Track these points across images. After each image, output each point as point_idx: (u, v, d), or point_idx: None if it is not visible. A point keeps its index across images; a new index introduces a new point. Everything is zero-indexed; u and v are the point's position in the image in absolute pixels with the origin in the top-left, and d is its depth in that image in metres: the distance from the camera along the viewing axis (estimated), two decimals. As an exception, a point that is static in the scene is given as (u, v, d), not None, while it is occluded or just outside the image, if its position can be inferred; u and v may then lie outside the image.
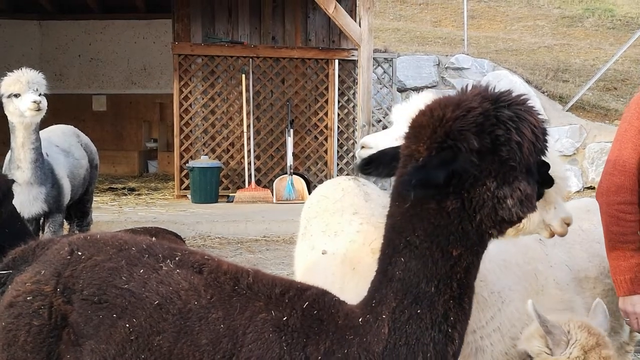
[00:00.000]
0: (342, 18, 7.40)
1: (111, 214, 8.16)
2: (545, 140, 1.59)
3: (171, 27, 10.24)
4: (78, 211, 5.87)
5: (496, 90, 1.60)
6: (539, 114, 1.60)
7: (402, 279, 1.59)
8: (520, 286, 2.39)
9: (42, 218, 5.08)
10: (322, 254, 2.79)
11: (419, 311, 1.58)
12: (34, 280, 1.84)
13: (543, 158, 1.64)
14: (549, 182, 1.68)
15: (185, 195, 9.66)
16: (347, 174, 10.04)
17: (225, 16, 10.00)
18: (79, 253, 1.86)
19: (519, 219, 1.58)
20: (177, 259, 1.84)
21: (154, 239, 1.99)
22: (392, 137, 2.28)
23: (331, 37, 10.11)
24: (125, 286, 1.78)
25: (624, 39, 14.34)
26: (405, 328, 1.59)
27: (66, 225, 5.87)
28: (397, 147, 1.71)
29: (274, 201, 9.32)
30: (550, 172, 1.69)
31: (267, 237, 7.37)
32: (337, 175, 9.95)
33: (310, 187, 9.57)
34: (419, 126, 1.60)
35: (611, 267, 2.36)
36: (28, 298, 1.81)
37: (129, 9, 12.37)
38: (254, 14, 10.05)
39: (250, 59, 9.78)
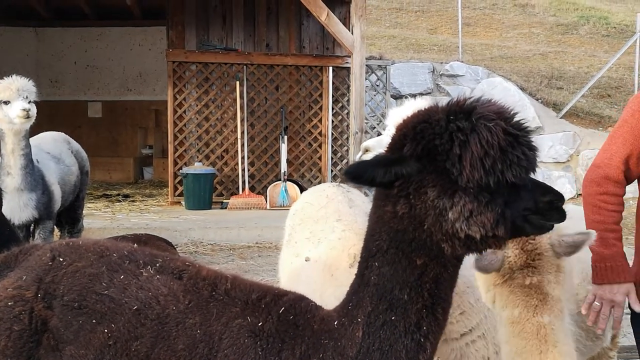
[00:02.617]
0: (334, 25, 7.44)
1: (104, 221, 8.15)
2: (509, 163, 1.48)
3: (166, 34, 10.27)
4: (69, 218, 5.87)
5: (474, 102, 1.54)
6: (512, 134, 1.49)
7: (377, 284, 1.60)
8: (504, 293, 2.39)
9: (33, 224, 5.09)
10: (306, 260, 2.80)
11: (393, 318, 1.58)
12: (16, 285, 1.85)
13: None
14: (546, 212, 1.54)
15: (179, 202, 9.66)
16: (342, 181, 10.04)
17: (219, 23, 10.04)
18: (61, 259, 1.87)
19: (468, 237, 1.50)
20: (157, 265, 1.85)
21: (135, 245, 2.01)
22: None
23: (325, 44, 10.15)
24: (105, 292, 1.79)
25: (619, 46, 14.41)
26: (379, 333, 1.59)
27: (57, 232, 5.87)
28: None
29: (268, 208, 9.32)
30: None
31: (260, 244, 7.37)
32: (331, 182, 9.95)
33: (304, 194, 9.56)
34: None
35: (593, 254, 2.37)
36: (9, 303, 1.82)
37: (124, 16, 12.40)
38: (248, 21, 10.09)
39: (245, 66, 9.81)
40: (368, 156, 2.34)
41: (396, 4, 19.11)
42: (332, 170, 10.08)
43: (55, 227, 5.54)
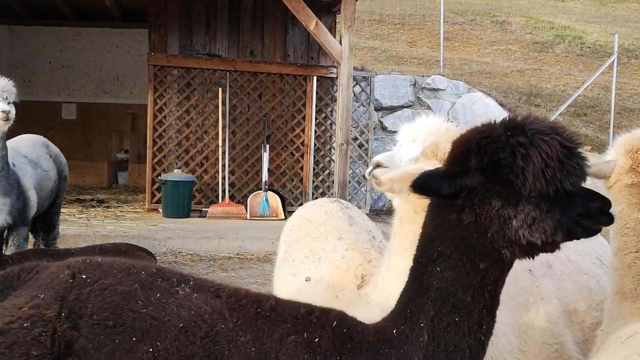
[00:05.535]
0: (323, 35, 7.37)
1: (78, 227, 7.87)
2: (567, 172, 1.62)
3: (147, 36, 10.06)
4: (44, 224, 5.64)
5: (527, 119, 1.68)
6: (567, 147, 1.63)
7: (440, 288, 1.66)
8: (512, 318, 2.33)
9: (6, 231, 4.87)
10: (306, 280, 2.69)
11: (457, 319, 1.65)
12: (32, 304, 1.70)
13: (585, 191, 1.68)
14: (596, 216, 1.66)
15: (156, 209, 9.42)
16: (323, 192, 9.96)
17: (203, 28, 9.89)
18: (83, 276, 1.78)
19: (529, 243, 1.62)
20: (191, 283, 1.82)
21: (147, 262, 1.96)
22: (407, 156, 2.29)
23: (310, 54, 10.08)
24: (144, 310, 1.72)
25: (593, 65, 14.72)
26: (444, 335, 1.65)
27: (31, 239, 5.63)
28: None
29: (248, 217, 9.16)
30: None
31: (241, 255, 7.20)
32: (313, 193, 9.85)
33: (285, 204, 9.44)
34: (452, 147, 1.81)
35: None
36: (25, 324, 1.67)
37: (103, 17, 12.13)
38: (233, 28, 9.96)
39: (228, 73, 9.65)
40: (380, 171, 2.28)
41: (376, 16, 19.23)
42: (313, 181, 9.98)
43: (29, 233, 5.31)
